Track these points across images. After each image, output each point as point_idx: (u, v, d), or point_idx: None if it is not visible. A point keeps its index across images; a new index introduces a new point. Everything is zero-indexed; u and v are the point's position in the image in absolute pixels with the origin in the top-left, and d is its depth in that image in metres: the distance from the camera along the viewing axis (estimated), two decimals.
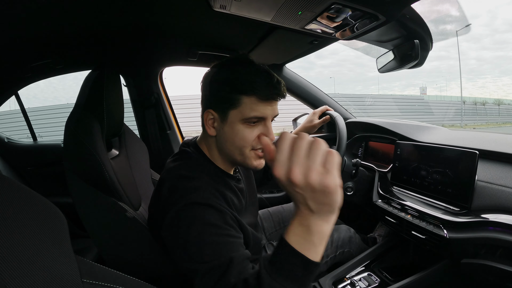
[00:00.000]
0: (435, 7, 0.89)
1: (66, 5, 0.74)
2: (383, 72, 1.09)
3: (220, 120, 0.63)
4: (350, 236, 1.03)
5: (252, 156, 0.64)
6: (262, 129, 0.63)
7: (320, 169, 0.37)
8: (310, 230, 0.41)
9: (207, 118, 0.64)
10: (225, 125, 0.62)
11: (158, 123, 1.49)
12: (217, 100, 0.62)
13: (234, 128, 0.61)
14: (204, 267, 0.50)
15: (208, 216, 0.55)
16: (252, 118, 0.60)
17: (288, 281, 0.43)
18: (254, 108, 0.60)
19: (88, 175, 0.70)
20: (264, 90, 0.59)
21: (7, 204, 0.30)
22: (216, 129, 0.64)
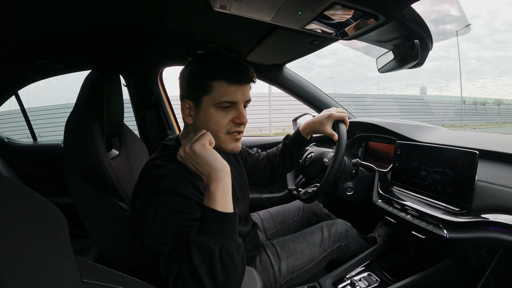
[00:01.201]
0: (435, 7, 0.89)
1: (66, 5, 0.75)
2: (383, 72, 1.09)
3: (195, 107, 0.67)
4: (346, 230, 1.03)
5: (228, 140, 0.69)
6: (234, 113, 0.67)
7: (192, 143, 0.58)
8: (209, 190, 0.55)
9: (183, 107, 0.68)
10: (200, 111, 0.66)
11: (158, 123, 1.49)
12: (190, 89, 0.66)
13: (207, 113, 0.66)
14: (167, 248, 0.55)
15: (174, 202, 0.58)
16: (223, 103, 0.65)
17: (209, 234, 0.52)
18: (225, 92, 0.64)
19: (88, 175, 0.70)
20: (232, 74, 0.64)
21: (7, 204, 0.30)
22: (192, 117, 0.68)
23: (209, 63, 0.66)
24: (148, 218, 0.58)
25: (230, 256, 0.52)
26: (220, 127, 0.66)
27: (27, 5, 0.70)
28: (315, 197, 1.00)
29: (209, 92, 0.64)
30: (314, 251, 0.95)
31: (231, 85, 0.64)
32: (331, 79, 71.60)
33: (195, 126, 0.69)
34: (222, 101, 0.64)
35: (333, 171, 0.94)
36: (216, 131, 0.66)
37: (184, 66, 0.71)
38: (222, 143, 0.68)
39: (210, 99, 0.65)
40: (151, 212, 0.58)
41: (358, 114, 1.48)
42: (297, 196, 1.10)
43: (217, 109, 0.65)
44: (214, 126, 0.66)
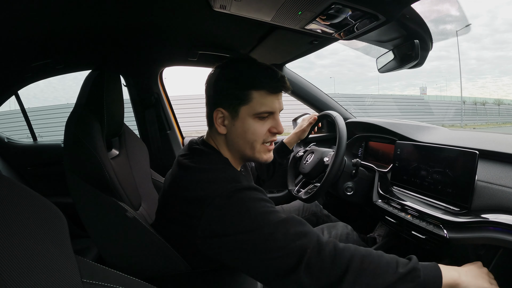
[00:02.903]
0: (435, 7, 0.89)
1: (66, 5, 0.75)
2: (383, 72, 1.09)
3: (230, 117, 0.64)
4: (347, 233, 1.03)
5: (262, 150, 0.67)
6: (271, 122, 0.66)
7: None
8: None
9: (216, 116, 0.65)
10: (236, 121, 0.64)
11: (158, 123, 1.49)
12: (226, 98, 0.64)
13: (245, 123, 0.64)
14: (305, 242, 0.51)
15: (260, 202, 0.56)
16: (263, 113, 0.64)
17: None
18: (264, 102, 0.63)
19: (88, 175, 0.70)
20: (271, 83, 0.63)
21: (7, 204, 0.30)
22: (226, 126, 0.65)
23: (247, 71, 0.64)
24: (246, 223, 0.52)
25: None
26: (258, 137, 0.65)
27: (27, 5, 0.70)
28: (316, 197, 1.00)
29: (248, 102, 0.62)
30: None
31: (270, 95, 0.63)
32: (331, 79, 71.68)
33: (229, 136, 0.66)
34: (262, 112, 0.63)
35: (333, 170, 0.94)
36: (253, 141, 0.65)
37: (212, 72, 0.68)
38: (257, 153, 0.67)
39: (249, 109, 0.63)
40: (248, 214, 0.53)
41: (358, 114, 1.49)
42: (297, 196, 1.10)
43: (255, 119, 0.64)
44: (251, 137, 0.65)
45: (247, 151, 0.66)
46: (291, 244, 0.51)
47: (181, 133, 1.63)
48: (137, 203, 0.82)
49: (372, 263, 0.52)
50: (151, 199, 0.92)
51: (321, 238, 0.54)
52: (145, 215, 0.82)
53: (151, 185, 0.98)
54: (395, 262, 0.54)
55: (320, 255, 0.51)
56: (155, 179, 1.03)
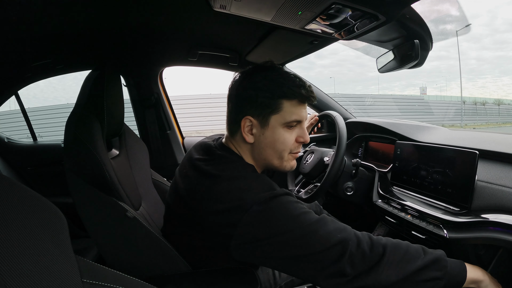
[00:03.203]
0: (435, 7, 0.89)
1: (66, 5, 0.75)
2: (383, 72, 1.09)
3: (260, 126, 0.63)
4: None
5: (289, 159, 0.67)
6: (298, 131, 0.66)
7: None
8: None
9: (244, 125, 0.64)
10: (266, 130, 0.63)
11: (158, 123, 1.49)
12: (256, 106, 0.62)
13: (275, 133, 0.63)
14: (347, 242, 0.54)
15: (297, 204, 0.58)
16: (293, 122, 0.63)
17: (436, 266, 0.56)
18: (294, 111, 0.63)
19: (89, 175, 0.70)
20: (302, 92, 0.62)
21: (7, 204, 0.30)
22: (254, 135, 0.64)
23: (278, 80, 0.63)
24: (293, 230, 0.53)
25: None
26: (286, 146, 0.65)
27: (27, 5, 0.70)
28: (316, 196, 1.00)
29: (279, 111, 0.62)
30: None
31: (300, 104, 0.63)
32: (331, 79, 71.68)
33: (257, 145, 0.65)
34: (292, 121, 0.63)
35: (333, 169, 0.94)
36: (282, 150, 0.65)
37: (238, 78, 0.66)
38: (284, 161, 0.67)
39: (279, 118, 0.62)
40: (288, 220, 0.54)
41: (358, 114, 1.49)
42: (297, 196, 1.10)
43: (285, 128, 0.64)
44: (281, 146, 0.64)
45: (274, 160, 0.66)
46: (334, 238, 0.54)
47: (181, 133, 1.63)
48: (137, 203, 0.82)
49: (402, 249, 0.56)
50: (151, 199, 0.92)
51: (357, 231, 0.58)
52: (145, 215, 0.82)
53: (151, 185, 0.98)
54: (422, 250, 0.58)
55: (360, 246, 0.54)
56: (155, 179, 1.03)
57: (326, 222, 0.56)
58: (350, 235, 0.56)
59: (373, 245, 0.56)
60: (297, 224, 0.54)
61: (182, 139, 1.62)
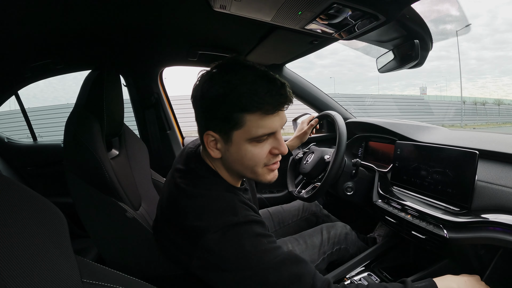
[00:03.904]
0: (435, 7, 0.89)
1: (66, 5, 0.75)
2: (383, 72, 1.09)
3: (223, 141, 0.55)
4: (346, 233, 1.03)
5: (265, 173, 0.59)
6: (272, 143, 0.56)
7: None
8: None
9: (207, 140, 0.56)
10: (231, 147, 0.55)
11: (158, 123, 1.49)
12: (215, 120, 0.54)
13: (241, 149, 0.55)
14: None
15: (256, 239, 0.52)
16: (260, 137, 0.54)
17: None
18: (262, 124, 0.53)
19: (88, 175, 0.70)
20: (269, 101, 0.51)
21: (7, 204, 0.30)
22: (220, 150, 0.57)
23: (238, 88, 0.51)
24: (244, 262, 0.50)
25: None
26: (257, 162, 0.56)
27: (27, 5, 0.70)
28: (317, 196, 1.00)
29: (241, 126, 0.52)
30: (314, 253, 0.95)
31: (268, 116, 0.52)
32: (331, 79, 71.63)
33: (225, 160, 0.58)
34: (259, 135, 0.53)
35: (334, 167, 0.94)
36: (253, 166, 0.57)
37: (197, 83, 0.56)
38: (260, 176, 0.59)
39: (243, 133, 0.53)
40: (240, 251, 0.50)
41: (358, 114, 1.49)
42: (298, 196, 1.10)
43: (252, 143, 0.54)
44: (250, 162, 0.56)
45: (247, 174, 0.59)
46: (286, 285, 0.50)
47: (181, 133, 1.63)
48: (137, 203, 0.82)
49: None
50: (151, 199, 0.92)
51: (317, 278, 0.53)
52: (145, 215, 0.82)
53: (151, 185, 0.98)
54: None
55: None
56: (155, 179, 1.03)
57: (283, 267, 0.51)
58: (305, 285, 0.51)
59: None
60: (248, 264, 0.50)
61: (182, 139, 1.62)
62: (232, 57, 0.58)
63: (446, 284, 0.59)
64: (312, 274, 0.53)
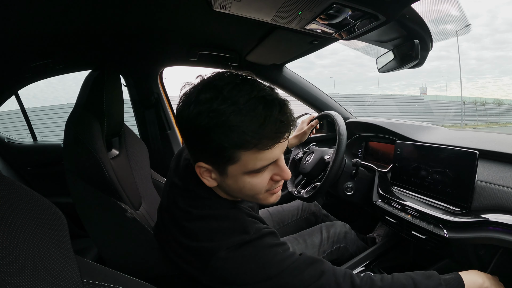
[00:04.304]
0: (435, 7, 0.89)
1: (66, 5, 0.75)
2: (383, 72, 1.09)
3: (218, 173, 0.50)
4: (345, 232, 1.04)
5: (268, 197, 0.56)
6: (273, 170, 0.52)
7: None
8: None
9: (200, 171, 0.51)
10: (227, 179, 0.50)
11: (158, 123, 1.49)
12: (207, 153, 0.48)
13: (238, 182, 0.50)
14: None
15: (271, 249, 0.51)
16: (260, 169, 0.49)
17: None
18: (259, 157, 0.47)
19: (88, 175, 0.70)
20: (266, 135, 0.44)
21: (7, 204, 0.30)
22: (216, 180, 0.52)
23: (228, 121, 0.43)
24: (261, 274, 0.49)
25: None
26: (258, 191, 0.53)
27: (27, 5, 0.70)
28: (317, 196, 1.00)
29: (235, 161, 0.47)
30: (313, 252, 0.95)
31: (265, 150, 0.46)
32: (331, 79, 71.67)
33: (222, 188, 0.54)
34: (258, 168, 0.48)
35: (334, 167, 0.94)
36: (254, 195, 0.53)
37: (182, 103, 0.48)
38: (262, 201, 0.56)
39: (239, 167, 0.48)
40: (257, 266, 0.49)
41: (358, 114, 1.49)
42: (298, 196, 1.10)
43: (250, 175, 0.50)
44: (250, 192, 0.52)
45: (249, 199, 0.58)
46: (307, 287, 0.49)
47: None
48: (137, 203, 0.82)
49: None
50: (151, 199, 0.92)
51: (338, 275, 0.52)
52: (145, 215, 0.82)
53: (151, 185, 0.98)
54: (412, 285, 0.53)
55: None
56: (155, 179, 1.03)
57: (302, 269, 0.50)
58: (328, 281, 0.50)
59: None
60: (266, 275, 0.48)
61: (182, 139, 1.62)
62: (220, 72, 0.49)
63: (471, 278, 0.58)
64: (331, 270, 0.53)
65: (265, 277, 0.49)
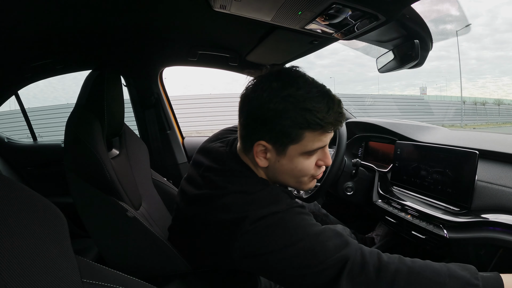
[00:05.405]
0: (435, 7, 0.90)
1: (67, 5, 0.75)
2: (383, 72, 1.09)
3: (275, 153, 0.56)
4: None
5: (308, 182, 0.61)
6: (319, 155, 0.59)
7: None
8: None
9: (257, 150, 0.56)
10: (283, 158, 0.56)
11: (158, 123, 1.49)
12: (273, 133, 0.54)
13: (293, 161, 0.56)
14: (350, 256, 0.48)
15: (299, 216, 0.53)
16: (314, 151, 0.56)
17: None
18: (318, 139, 0.54)
19: (89, 175, 0.70)
20: (330, 120, 0.53)
21: (7, 204, 0.30)
22: (269, 160, 0.57)
23: (302, 105, 0.51)
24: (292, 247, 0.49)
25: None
26: (305, 173, 0.58)
27: (27, 5, 0.70)
28: (316, 196, 1.00)
29: (299, 141, 0.53)
30: None
31: (325, 132, 0.54)
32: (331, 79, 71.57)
33: (272, 169, 0.59)
34: (314, 149, 0.56)
35: (334, 169, 0.94)
36: (300, 177, 0.59)
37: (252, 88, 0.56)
38: (303, 185, 0.61)
39: (299, 148, 0.54)
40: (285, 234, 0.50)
41: (358, 114, 1.49)
42: (297, 196, 1.10)
43: (304, 156, 0.56)
44: (299, 173, 0.58)
45: (291, 184, 0.61)
46: (331, 256, 0.48)
47: (181, 133, 1.63)
48: (138, 203, 0.82)
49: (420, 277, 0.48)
50: (151, 199, 0.92)
51: (364, 249, 0.51)
52: (145, 214, 0.82)
53: (151, 185, 0.98)
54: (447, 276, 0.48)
55: (364, 269, 0.47)
56: (155, 179, 1.03)
57: (328, 237, 0.51)
58: (352, 253, 0.49)
59: (382, 269, 0.48)
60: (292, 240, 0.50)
61: (182, 139, 1.62)
62: (290, 67, 0.57)
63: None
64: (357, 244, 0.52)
65: (292, 241, 0.50)
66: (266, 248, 0.50)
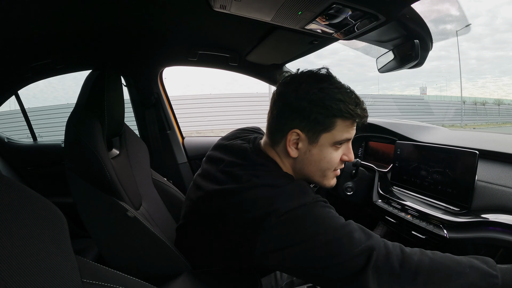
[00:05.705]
0: (435, 7, 0.90)
1: (67, 5, 0.75)
2: (383, 72, 1.09)
3: (308, 142, 0.59)
4: None
5: (332, 177, 0.64)
6: (344, 149, 0.63)
7: None
8: None
9: (290, 138, 0.59)
10: (314, 147, 0.59)
11: (158, 123, 1.49)
12: (307, 121, 0.58)
13: (323, 151, 0.60)
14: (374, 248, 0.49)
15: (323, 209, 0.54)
16: (343, 141, 0.60)
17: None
18: (346, 130, 0.59)
19: (89, 175, 0.70)
20: (358, 112, 0.58)
21: (7, 204, 0.30)
22: (300, 150, 0.60)
23: (336, 96, 0.57)
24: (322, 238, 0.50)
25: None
26: (331, 165, 0.61)
27: (27, 5, 0.70)
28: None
29: (331, 129, 0.58)
30: None
31: (353, 124, 0.60)
32: None
33: (300, 160, 0.61)
34: (343, 140, 0.60)
35: None
36: (326, 169, 0.62)
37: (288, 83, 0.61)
38: (326, 179, 0.64)
39: (330, 137, 0.58)
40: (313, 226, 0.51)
41: None
42: None
43: (333, 147, 0.60)
44: (326, 165, 0.61)
45: (316, 177, 0.63)
46: (357, 247, 0.49)
47: (181, 133, 1.63)
48: (138, 203, 0.82)
49: (442, 266, 0.50)
50: (151, 198, 0.92)
51: (387, 241, 0.53)
52: (145, 214, 0.82)
53: (151, 185, 0.98)
54: (467, 266, 0.50)
55: (388, 259, 0.48)
56: (155, 179, 1.03)
57: (354, 229, 0.52)
58: (377, 244, 0.50)
59: (405, 260, 0.49)
60: (318, 230, 0.51)
61: (182, 139, 1.62)
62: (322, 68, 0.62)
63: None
64: (379, 237, 0.53)
65: (320, 231, 0.50)
66: (294, 239, 0.51)
